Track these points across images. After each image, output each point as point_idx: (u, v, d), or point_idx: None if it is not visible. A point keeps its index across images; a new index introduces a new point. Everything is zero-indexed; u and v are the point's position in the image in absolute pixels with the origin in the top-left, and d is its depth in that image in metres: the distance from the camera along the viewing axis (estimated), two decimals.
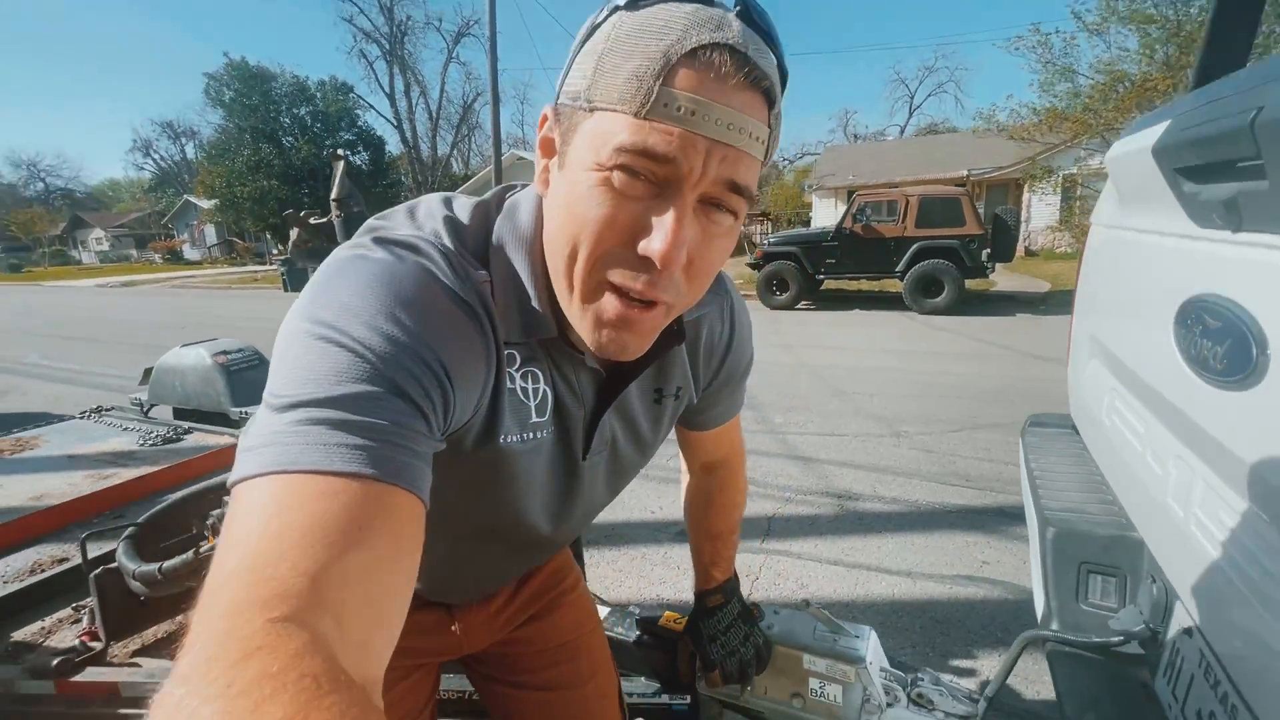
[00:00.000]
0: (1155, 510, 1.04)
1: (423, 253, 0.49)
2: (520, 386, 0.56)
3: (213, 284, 20.44)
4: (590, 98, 0.44)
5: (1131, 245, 1.17)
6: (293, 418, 0.39)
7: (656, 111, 0.42)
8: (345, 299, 0.44)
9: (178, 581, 1.38)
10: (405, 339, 0.43)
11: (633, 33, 0.43)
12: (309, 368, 0.41)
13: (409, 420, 0.41)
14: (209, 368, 3.02)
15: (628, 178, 0.43)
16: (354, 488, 0.37)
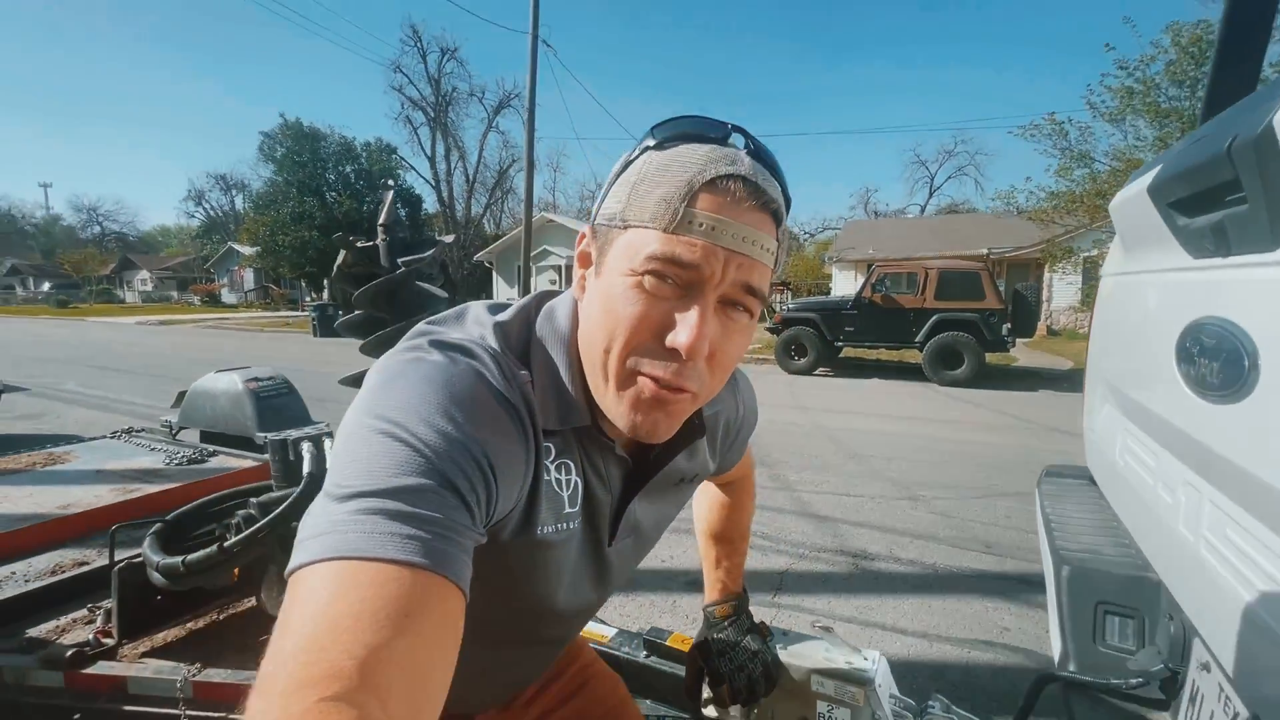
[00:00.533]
0: (1168, 541, 1.04)
1: (474, 355, 0.54)
2: (555, 478, 0.60)
3: (246, 326, 21.11)
4: (625, 218, 0.52)
5: (1135, 287, 1.21)
6: (351, 507, 0.42)
7: (682, 228, 0.49)
8: (403, 398, 0.48)
9: (200, 575, 1.42)
10: (458, 436, 0.47)
11: (661, 166, 0.52)
12: (368, 460, 0.44)
13: (457, 514, 0.44)
14: (239, 393, 3.12)
15: (657, 281, 0.51)
16: (405, 576, 0.40)
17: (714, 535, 1.07)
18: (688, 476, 0.74)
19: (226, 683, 1.40)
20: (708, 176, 0.50)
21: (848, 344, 10.64)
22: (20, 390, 7.93)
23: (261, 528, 1.41)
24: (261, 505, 1.51)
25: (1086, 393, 1.69)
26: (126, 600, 1.52)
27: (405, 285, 1.73)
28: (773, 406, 7.71)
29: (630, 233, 0.52)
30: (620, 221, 0.53)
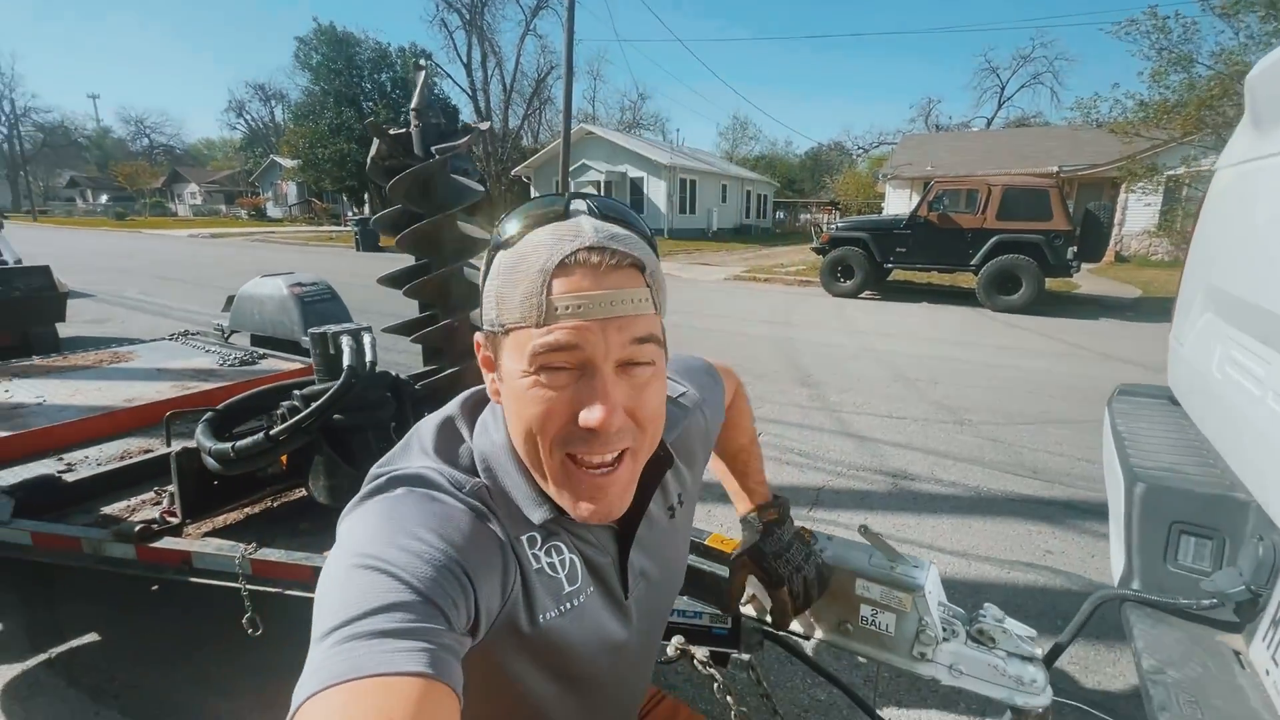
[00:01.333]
0: (1276, 461, 0.94)
1: (429, 482, 0.57)
2: (548, 563, 0.62)
3: (290, 239, 21.52)
4: (502, 323, 0.54)
5: (1274, 171, 1.04)
6: (335, 639, 0.44)
7: (551, 318, 0.51)
8: (370, 533, 0.51)
9: (249, 461, 1.46)
10: (428, 551, 0.49)
11: (512, 265, 0.53)
12: (344, 595, 0.46)
13: (438, 622, 0.47)
14: (285, 297, 3.17)
15: (550, 373, 0.53)
16: (397, 685, 0.41)
17: (727, 451, 1.03)
18: (674, 505, 0.76)
19: (280, 561, 1.47)
20: (555, 261, 0.51)
21: (898, 266, 10.17)
22: (86, 296, 8.33)
23: (305, 417, 1.42)
24: (305, 397, 1.52)
25: (1179, 304, 1.53)
26: (186, 483, 1.59)
27: (439, 176, 1.64)
28: (818, 328, 7.53)
29: (511, 336, 0.54)
30: (499, 326, 0.55)
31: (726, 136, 51.77)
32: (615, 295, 0.52)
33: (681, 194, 24.44)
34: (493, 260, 0.57)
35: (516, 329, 0.53)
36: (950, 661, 0.99)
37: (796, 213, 34.62)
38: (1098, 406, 4.48)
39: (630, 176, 23.82)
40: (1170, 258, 15.41)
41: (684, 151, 29.03)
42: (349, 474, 1.58)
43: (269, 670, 1.80)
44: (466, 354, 1.82)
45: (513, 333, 0.54)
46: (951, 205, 9.52)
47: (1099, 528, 2.73)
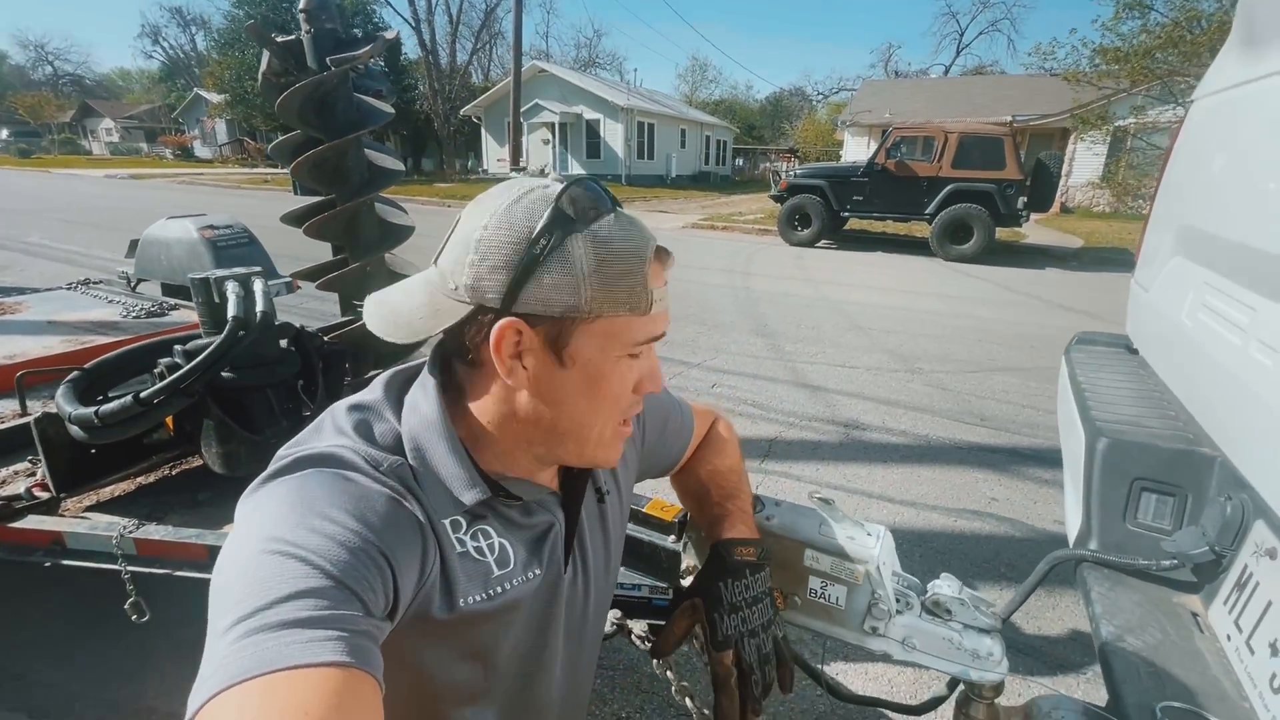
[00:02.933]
0: (1254, 412, 0.87)
1: (341, 461, 0.53)
2: (474, 547, 0.59)
3: (221, 182, 20.00)
4: (591, 310, 0.53)
5: (1273, 94, 0.94)
6: (239, 631, 0.40)
7: (656, 308, 0.55)
8: (275, 516, 0.47)
9: (118, 428, 1.26)
10: (340, 533, 0.46)
11: (607, 253, 0.52)
12: (248, 582, 0.43)
13: (354, 608, 0.44)
14: (195, 241, 2.84)
15: (638, 357, 0.58)
16: (315, 677, 0.39)
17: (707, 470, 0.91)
18: (600, 488, 0.72)
19: (166, 540, 1.29)
20: (650, 254, 0.54)
21: (855, 215, 10.13)
22: None
23: (183, 376, 1.22)
24: (187, 353, 1.32)
25: (1144, 249, 1.45)
26: (54, 453, 1.38)
27: (338, 92, 1.40)
28: (775, 278, 7.47)
29: (602, 322, 0.54)
30: (584, 313, 0.53)
31: (685, 79, 50.34)
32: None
33: (640, 138, 23.71)
34: (563, 242, 0.52)
35: (614, 317, 0.54)
36: (903, 636, 0.92)
37: (756, 160, 34.11)
38: (1043, 354, 4.58)
39: (586, 118, 22.92)
40: (1112, 209, 15.87)
41: (641, 93, 27.98)
42: (246, 439, 1.40)
43: (174, 652, 1.65)
44: None
45: (605, 320, 0.54)
46: (908, 153, 9.45)
47: (1042, 474, 2.78)
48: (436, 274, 0.56)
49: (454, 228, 0.55)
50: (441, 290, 0.54)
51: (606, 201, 0.55)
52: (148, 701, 1.53)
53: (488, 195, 0.55)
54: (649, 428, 0.83)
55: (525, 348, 0.54)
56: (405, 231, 1.60)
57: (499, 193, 0.54)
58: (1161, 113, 11.82)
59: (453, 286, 0.53)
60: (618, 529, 0.78)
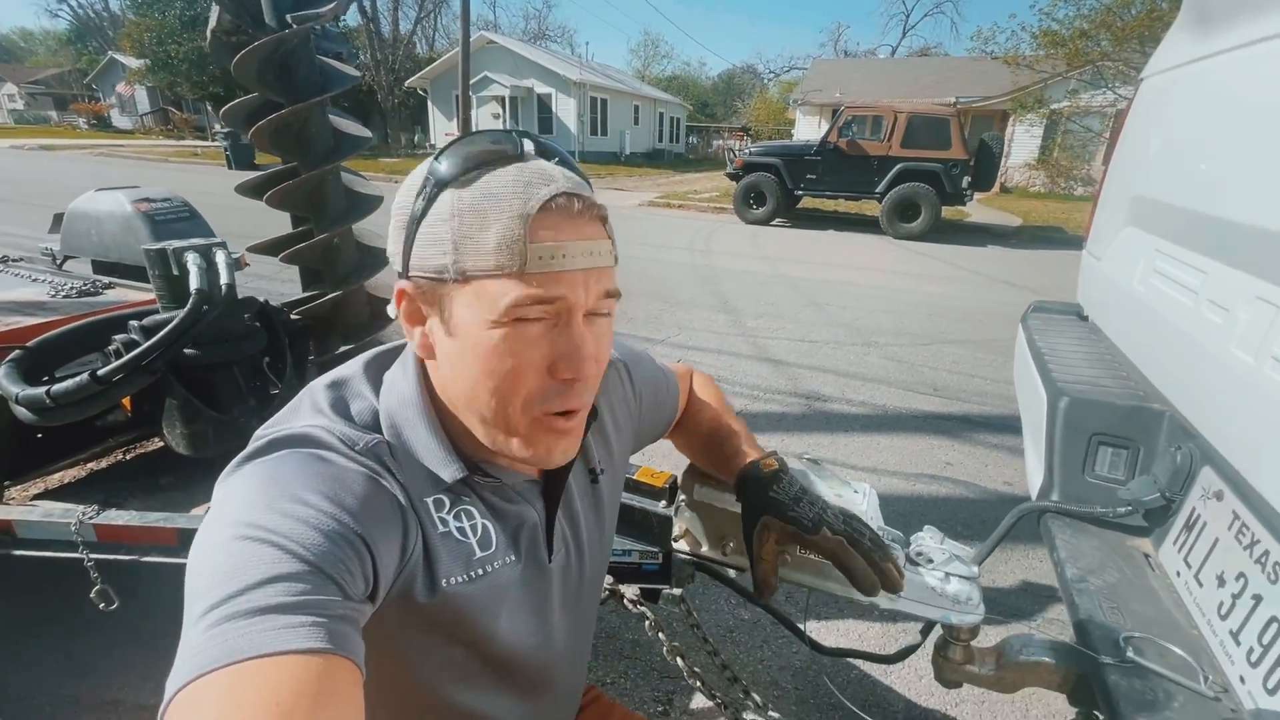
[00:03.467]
0: (1205, 367, 0.94)
1: (317, 441, 0.51)
2: (456, 527, 0.57)
3: (146, 154, 18.66)
4: (461, 269, 0.48)
5: (1222, 70, 1.00)
6: (214, 617, 0.39)
7: (534, 265, 0.47)
8: (249, 500, 0.45)
9: (73, 408, 1.18)
10: (315, 516, 0.45)
11: (475, 204, 0.48)
12: (222, 567, 0.41)
13: (332, 592, 0.43)
14: (129, 215, 2.65)
15: (525, 324, 0.49)
16: (294, 664, 0.38)
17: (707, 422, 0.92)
18: (595, 469, 0.71)
19: (131, 525, 1.24)
20: (535, 204, 0.47)
21: (808, 193, 10.29)
22: None
23: (144, 353, 1.16)
24: (145, 329, 1.24)
25: (1095, 220, 1.54)
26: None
27: (300, 53, 1.33)
28: (733, 255, 7.54)
29: (474, 284, 0.49)
30: (455, 274, 0.49)
31: (638, 54, 49.64)
32: (593, 245, 0.50)
33: (593, 114, 23.34)
34: (435, 198, 0.49)
35: (484, 278, 0.48)
36: None
37: (709, 138, 34.11)
38: (988, 327, 4.78)
39: (538, 93, 22.38)
40: (1047, 189, 16.62)
41: (594, 67, 27.48)
42: (212, 419, 1.34)
43: (137, 642, 1.58)
44: (350, 276, 1.57)
45: (476, 281, 0.48)
46: (859, 132, 9.63)
47: (992, 439, 2.93)
48: None
49: None
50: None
51: (510, 152, 0.50)
52: (113, 694, 1.46)
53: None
54: (644, 400, 0.82)
55: (417, 311, 0.53)
56: (373, 201, 1.54)
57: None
58: (1093, 97, 12.40)
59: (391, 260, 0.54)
60: (612, 504, 0.76)
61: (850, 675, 1.63)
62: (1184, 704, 0.75)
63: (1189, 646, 0.84)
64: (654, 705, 1.51)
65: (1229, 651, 0.81)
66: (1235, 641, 0.80)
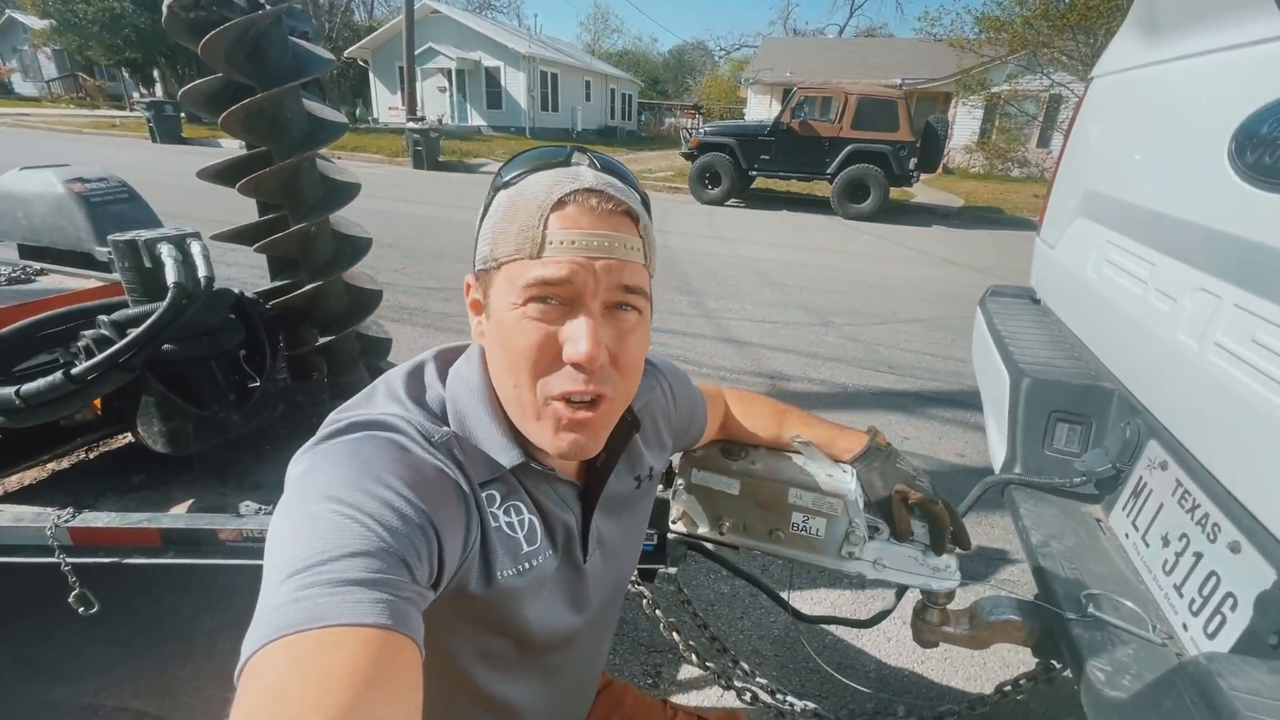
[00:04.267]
0: (1153, 350, 1.04)
1: (393, 428, 0.54)
2: (506, 522, 0.60)
3: (57, 125, 17.22)
4: (495, 257, 0.55)
5: (1167, 77, 1.10)
6: (293, 585, 0.41)
7: (546, 251, 0.52)
8: (330, 477, 0.48)
9: (45, 409, 1.13)
10: (392, 500, 0.47)
11: (511, 201, 0.55)
12: (302, 539, 0.44)
13: (402, 574, 0.45)
14: (61, 196, 2.48)
15: (540, 305, 0.53)
16: (360, 637, 0.40)
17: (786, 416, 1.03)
18: (642, 475, 0.75)
19: (111, 526, 1.20)
20: (555, 197, 0.52)
21: (762, 173, 10.42)
22: None
23: (122, 350, 1.12)
24: (117, 324, 1.19)
25: (1049, 210, 1.64)
26: None
27: (274, 34, 1.28)
28: (691, 236, 7.59)
29: (504, 269, 0.54)
30: (493, 262, 0.55)
31: (588, 27, 48.65)
32: (610, 237, 0.53)
33: (543, 89, 22.81)
34: (491, 201, 0.57)
35: (509, 262, 0.53)
36: (874, 557, 1.04)
37: (661, 115, 33.90)
38: (937, 306, 5.00)
39: (485, 66, 21.71)
40: (985, 170, 17.30)
41: (543, 40, 26.78)
42: (192, 415, 1.31)
43: (114, 645, 1.54)
44: (329, 266, 1.53)
45: (505, 266, 0.54)
46: (811, 113, 9.77)
47: (945, 414, 3.10)
48: None
49: None
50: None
51: (557, 160, 0.57)
52: (90, 699, 1.42)
53: None
54: (681, 415, 0.87)
55: (475, 299, 0.59)
56: (351, 190, 1.50)
57: None
58: (1029, 82, 12.93)
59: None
60: (647, 510, 0.81)
61: (825, 641, 1.73)
62: (1137, 651, 0.85)
63: (1139, 600, 0.94)
64: (644, 678, 1.58)
65: (1173, 603, 0.91)
66: (1179, 594, 0.91)
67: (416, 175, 11.89)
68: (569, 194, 0.52)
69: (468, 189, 10.17)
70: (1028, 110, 14.90)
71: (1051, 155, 15.42)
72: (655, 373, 0.82)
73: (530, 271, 0.52)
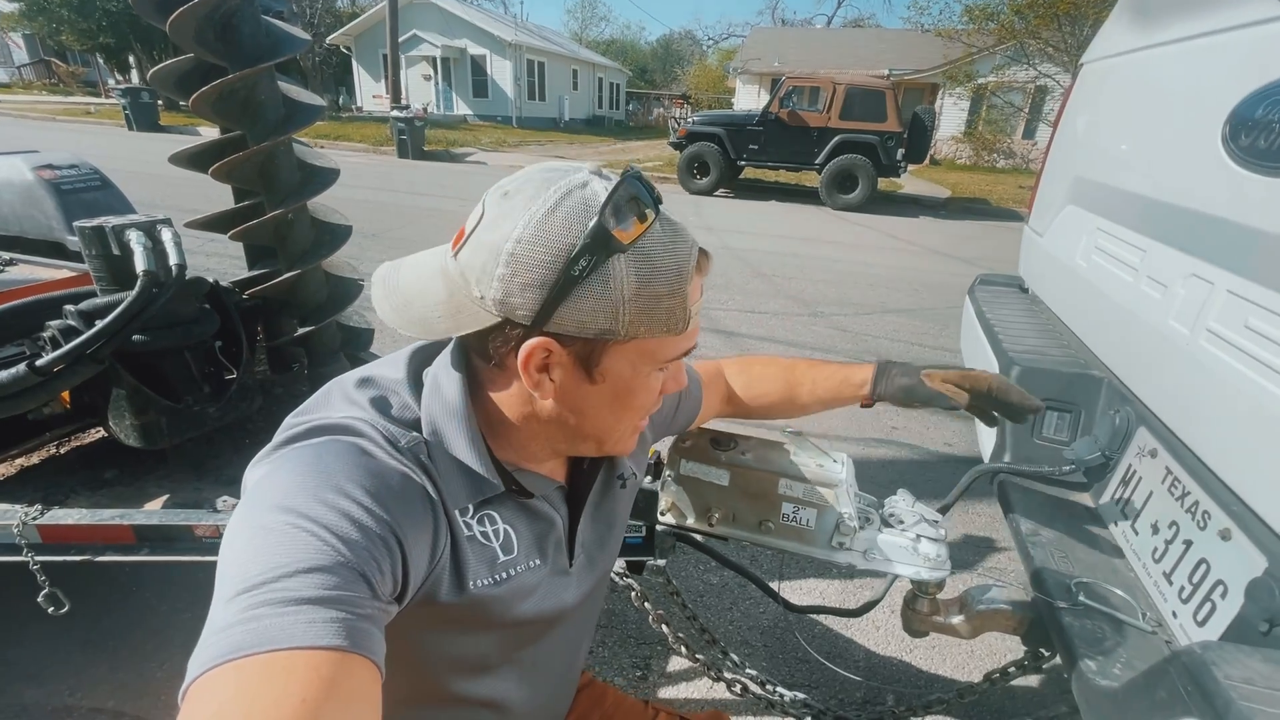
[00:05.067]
0: (1143, 338, 1.03)
1: (357, 432, 0.51)
2: (480, 531, 0.58)
3: (28, 112, 16.76)
4: (630, 334, 0.51)
5: (1159, 62, 1.08)
6: (243, 603, 0.39)
7: (690, 324, 0.53)
8: (287, 486, 0.46)
9: (8, 403, 1.09)
10: (354, 511, 0.45)
11: (649, 279, 0.49)
12: (255, 553, 0.41)
13: (361, 590, 0.42)
14: (30, 184, 2.39)
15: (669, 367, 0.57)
16: (316, 660, 0.37)
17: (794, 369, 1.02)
18: (626, 475, 0.74)
19: (81, 524, 1.16)
20: (690, 270, 0.51)
21: (751, 163, 10.38)
22: None
23: (88, 341, 1.08)
24: (84, 314, 1.15)
25: (1038, 199, 1.63)
26: None
27: (245, 11, 1.24)
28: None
29: (636, 343, 0.52)
30: (621, 335, 0.51)
31: (575, 15, 48.19)
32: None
33: (530, 78, 22.56)
34: (603, 263, 0.48)
35: (650, 338, 0.52)
36: (865, 547, 1.03)
37: (650, 105, 33.69)
38: (925, 296, 5.01)
39: (471, 53, 21.42)
40: (972, 161, 17.39)
41: (530, 28, 26.46)
42: (166, 408, 1.27)
43: (87, 646, 1.50)
44: (307, 254, 1.49)
45: (640, 341, 0.52)
46: (799, 103, 9.74)
47: None
48: (457, 270, 0.51)
49: (479, 220, 0.50)
50: (464, 293, 0.50)
51: (652, 205, 0.50)
52: (64, 700, 1.39)
53: (519, 190, 0.49)
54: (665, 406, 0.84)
55: (554, 363, 0.52)
56: (329, 175, 1.46)
57: (533, 191, 0.48)
58: (1016, 73, 12.98)
59: (479, 295, 0.49)
60: (628, 508, 0.80)
61: (815, 631, 1.73)
62: (1126, 638, 0.85)
63: (1128, 588, 0.94)
64: (633, 671, 1.57)
65: (1162, 591, 0.91)
66: (1168, 582, 0.90)
67: (401, 164, 11.72)
68: (695, 263, 0.52)
69: (453, 178, 10.04)
70: (1013, 101, 14.99)
71: (1037, 147, 15.52)
72: None
73: (678, 346, 0.54)
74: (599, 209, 0.47)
